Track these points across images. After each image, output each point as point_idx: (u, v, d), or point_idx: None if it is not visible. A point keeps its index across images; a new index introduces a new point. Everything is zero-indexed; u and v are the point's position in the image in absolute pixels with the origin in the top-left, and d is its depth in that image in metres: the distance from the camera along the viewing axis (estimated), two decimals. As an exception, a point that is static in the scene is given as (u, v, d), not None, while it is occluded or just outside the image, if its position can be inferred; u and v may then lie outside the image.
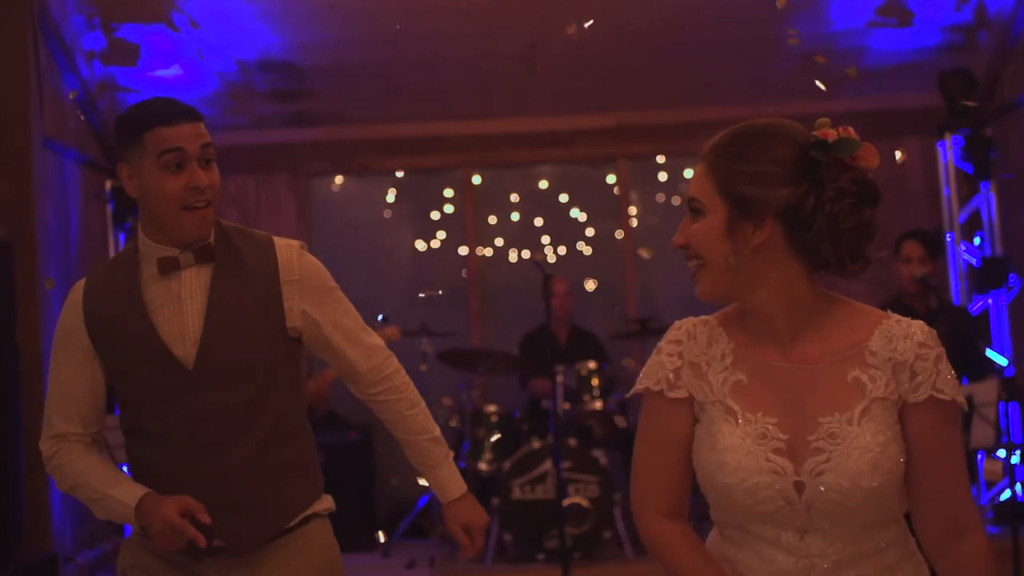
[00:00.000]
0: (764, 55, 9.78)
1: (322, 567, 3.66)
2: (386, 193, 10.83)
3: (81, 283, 3.62)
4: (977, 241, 9.63)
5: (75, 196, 9.21)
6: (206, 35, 9.22)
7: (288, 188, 10.55)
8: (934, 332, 2.63)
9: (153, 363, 3.49)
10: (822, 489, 2.52)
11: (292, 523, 3.62)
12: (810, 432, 2.55)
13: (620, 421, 9.03)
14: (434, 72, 9.84)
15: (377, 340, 3.76)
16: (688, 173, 10.72)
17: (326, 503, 3.73)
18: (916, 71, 9.83)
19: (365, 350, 3.70)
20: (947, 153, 9.61)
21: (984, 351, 8.13)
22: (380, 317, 9.00)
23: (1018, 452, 8.72)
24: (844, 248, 2.62)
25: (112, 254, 9.55)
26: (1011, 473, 7.28)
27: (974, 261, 9.54)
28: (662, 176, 10.81)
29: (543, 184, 10.85)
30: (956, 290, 9.53)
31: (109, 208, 9.55)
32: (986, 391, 6.67)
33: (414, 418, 3.77)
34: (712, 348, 2.67)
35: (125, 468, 3.79)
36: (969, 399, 6.61)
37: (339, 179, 10.91)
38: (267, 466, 3.55)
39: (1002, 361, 9.00)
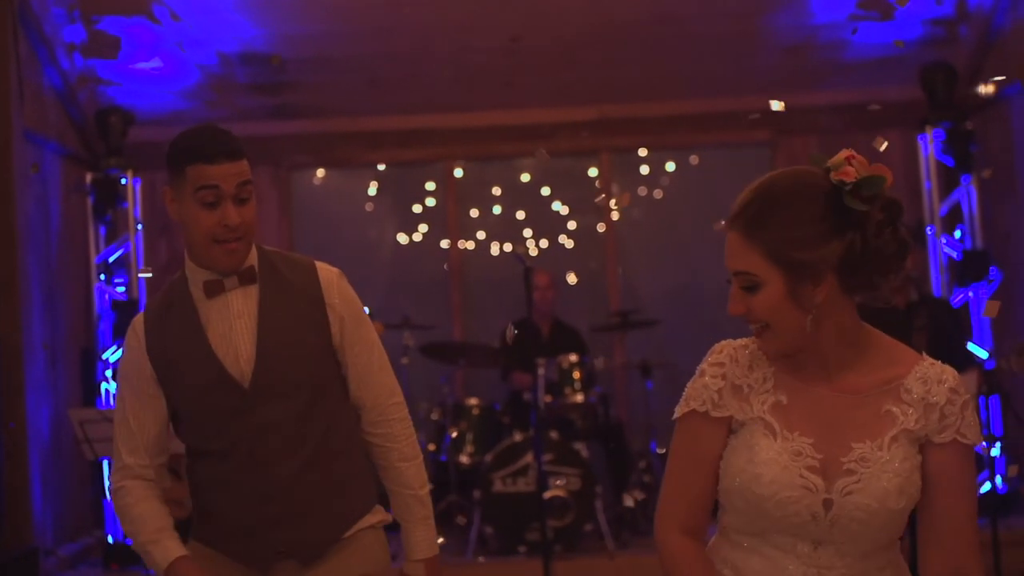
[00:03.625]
0: (746, 48, 9.79)
1: (375, 569, 3.76)
2: (368, 186, 10.82)
3: (141, 315, 3.73)
4: (958, 234, 9.65)
5: (55, 189, 9.18)
6: (187, 27, 9.20)
7: (270, 181, 10.53)
8: (963, 380, 2.78)
9: (212, 384, 3.60)
10: (850, 507, 2.65)
11: (349, 532, 3.73)
12: (843, 455, 2.68)
13: (601, 413, 9.04)
14: (416, 65, 9.83)
15: (395, 385, 3.81)
16: (670, 166, 10.74)
17: (380, 515, 3.83)
18: (897, 64, 9.84)
19: (376, 389, 3.77)
20: (928, 146, 9.63)
21: (965, 344, 8.14)
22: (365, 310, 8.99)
23: (998, 444, 8.76)
24: (890, 271, 2.73)
25: (92, 247, 9.54)
26: (991, 465, 7.31)
27: (955, 254, 9.56)
28: (644, 169, 10.81)
29: (525, 177, 10.85)
30: (937, 283, 9.55)
31: (89, 201, 9.53)
32: (966, 383, 6.68)
33: (404, 471, 3.80)
34: (753, 372, 2.77)
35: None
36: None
37: (321, 172, 10.89)
38: (320, 477, 3.67)
39: (982, 354, 9.03)
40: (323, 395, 3.66)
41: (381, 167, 10.79)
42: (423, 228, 10.78)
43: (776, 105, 4.50)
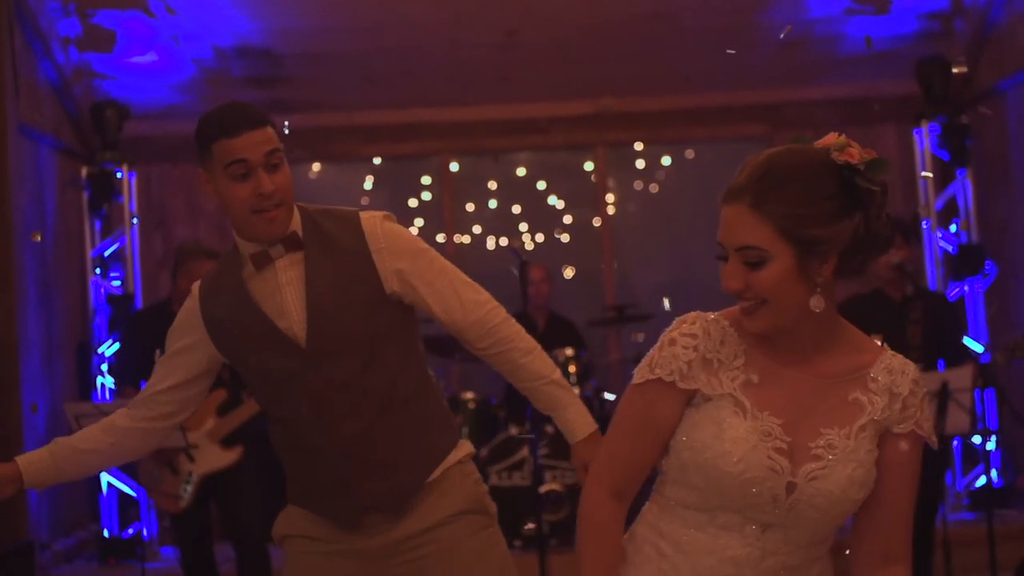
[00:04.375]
0: (742, 43, 9.79)
1: (468, 504, 3.78)
2: (363, 180, 10.82)
3: (196, 284, 3.78)
4: (953, 228, 9.66)
5: (51, 183, 9.18)
6: (182, 21, 9.19)
7: (265, 175, 10.51)
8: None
9: (270, 350, 3.64)
10: (812, 492, 2.63)
11: (434, 474, 3.74)
12: (811, 440, 2.66)
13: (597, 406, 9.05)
14: (411, 59, 9.83)
15: (481, 295, 3.79)
16: (666, 161, 10.74)
17: (464, 449, 3.84)
18: (893, 58, 9.85)
19: (464, 305, 3.75)
20: (923, 140, 9.64)
21: (960, 337, 8.15)
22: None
23: (993, 438, 8.77)
24: (881, 254, 2.72)
25: (88, 241, 9.54)
26: (986, 459, 7.32)
27: (950, 248, 9.57)
28: (640, 163, 10.81)
29: (521, 171, 10.85)
30: (932, 277, 9.56)
31: (85, 195, 9.52)
32: (962, 377, 6.69)
33: (530, 365, 3.81)
34: (725, 347, 2.73)
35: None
36: (945, 385, 6.63)
37: (316, 166, 10.89)
38: (393, 427, 3.68)
39: (978, 348, 9.04)
40: (383, 345, 3.66)
41: (377, 161, 10.79)
42: (419, 222, 10.78)
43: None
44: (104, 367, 9.28)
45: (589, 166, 10.76)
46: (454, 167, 10.80)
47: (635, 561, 2.78)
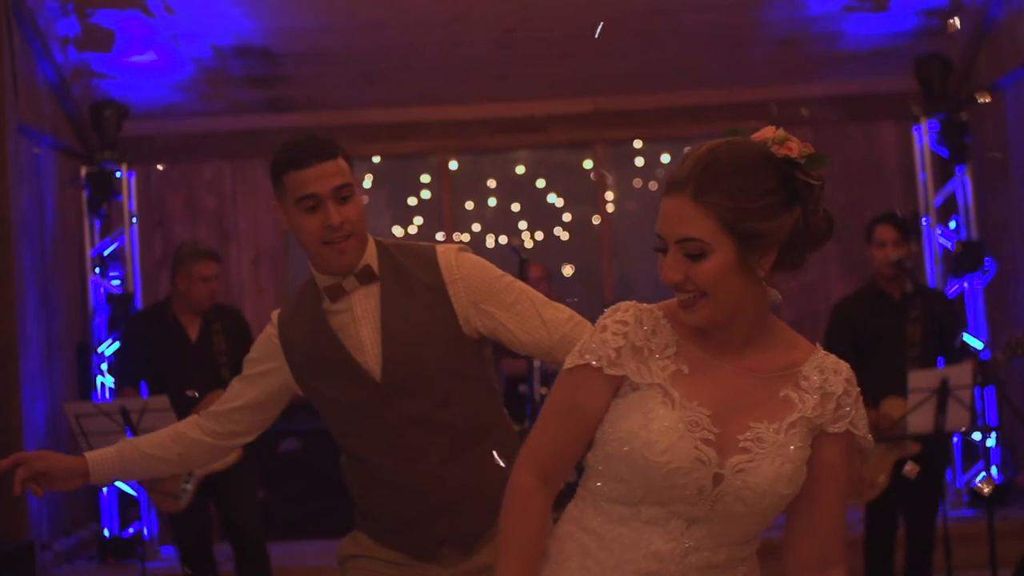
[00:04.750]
0: (740, 40, 9.79)
1: None
2: (363, 179, 10.82)
3: (275, 313, 3.80)
4: (952, 225, 9.66)
5: (50, 183, 9.18)
6: (181, 20, 9.19)
7: (264, 174, 10.37)
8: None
9: (345, 382, 3.65)
10: (739, 485, 2.60)
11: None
12: (740, 432, 2.63)
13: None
14: (410, 58, 9.82)
15: (562, 311, 3.74)
16: (665, 158, 10.74)
17: None
18: (892, 56, 9.84)
19: (547, 324, 3.70)
20: (923, 137, 9.63)
21: (960, 334, 8.15)
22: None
23: (993, 435, 8.76)
24: (817, 249, 2.70)
25: (87, 240, 9.53)
26: (987, 456, 7.32)
27: (949, 245, 9.57)
28: (639, 161, 10.81)
29: (520, 169, 10.85)
30: (932, 274, 9.56)
31: (84, 194, 9.52)
32: (961, 374, 6.70)
33: None
34: (656, 337, 2.70)
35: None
36: (944, 382, 6.63)
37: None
38: (468, 463, 3.67)
39: (977, 345, 9.04)
40: (458, 381, 3.66)
41: (376, 160, 10.79)
42: (418, 221, 10.78)
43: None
44: (104, 366, 9.28)
45: (588, 164, 10.76)
46: (453, 165, 10.79)
47: (558, 557, 2.74)
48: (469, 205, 10.81)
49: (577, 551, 2.73)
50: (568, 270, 10.77)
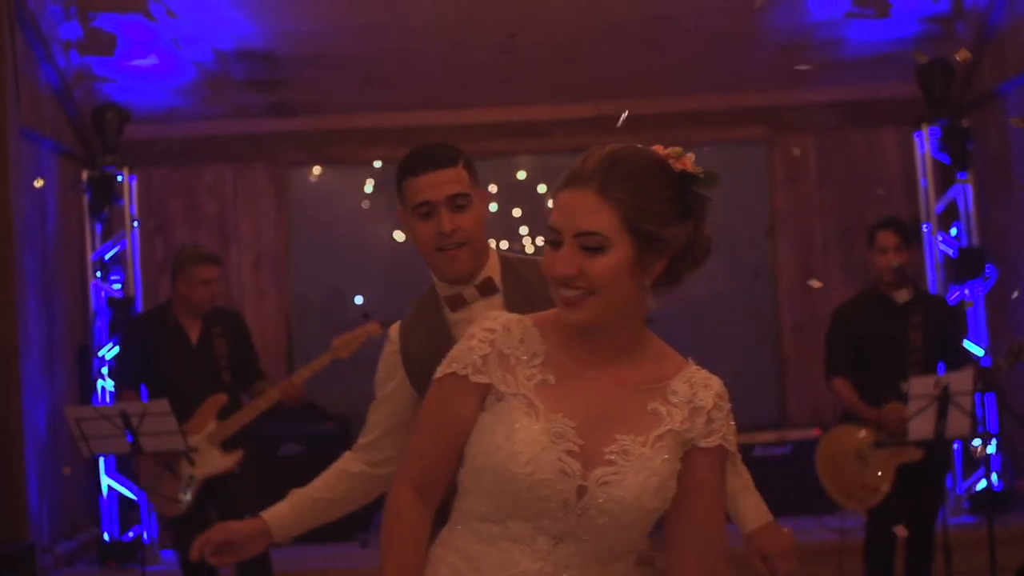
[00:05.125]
0: (742, 45, 9.79)
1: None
2: (364, 183, 10.81)
3: (396, 326, 3.85)
4: (954, 232, 9.66)
5: (51, 186, 9.18)
6: (183, 24, 9.19)
7: (266, 178, 10.53)
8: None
9: None
10: (603, 498, 2.57)
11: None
12: (605, 444, 2.61)
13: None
14: (412, 62, 9.83)
15: None
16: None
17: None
18: (893, 62, 9.84)
19: None
20: (924, 144, 9.63)
21: (961, 341, 8.15)
22: (363, 314, 8.99)
23: (994, 442, 8.76)
24: (697, 268, 2.71)
25: (88, 244, 9.54)
26: (987, 463, 7.31)
27: (951, 251, 9.57)
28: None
29: (521, 174, 10.85)
30: (932, 281, 9.55)
31: (86, 198, 9.52)
32: (962, 380, 6.69)
33: None
34: (524, 345, 2.69)
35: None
36: (945, 388, 6.63)
37: (317, 169, 10.89)
38: None
39: (978, 351, 9.04)
40: None
41: (377, 164, 10.78)
42: (419, 225, 10.75)
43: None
44: (104, 370, 9.29)
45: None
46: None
47: None
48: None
49: (447, 573, 2.69)
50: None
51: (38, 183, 8.38)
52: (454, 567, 2.68)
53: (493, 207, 10.83)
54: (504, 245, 10.63)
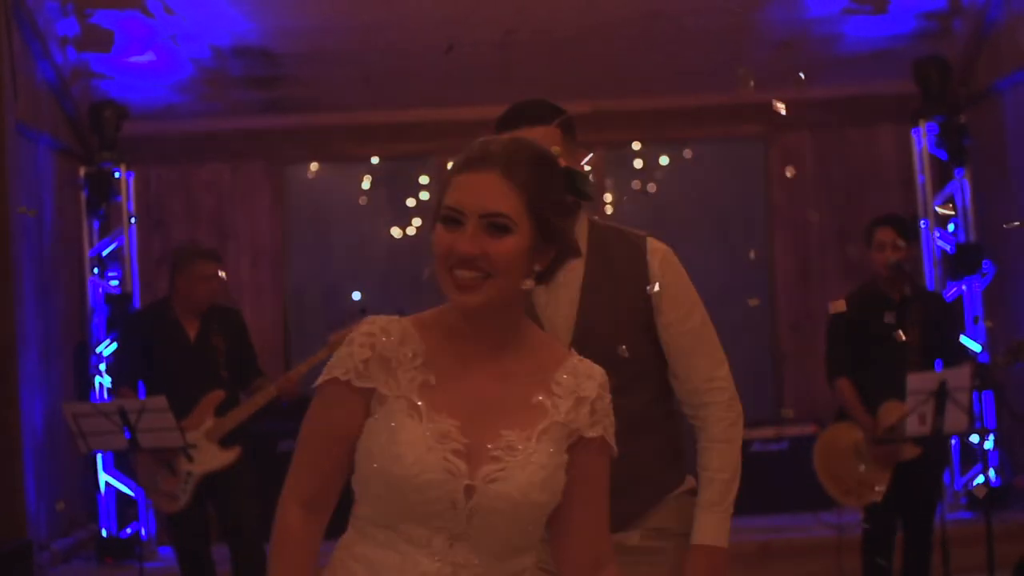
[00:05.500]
0: (739, 43, 9.79)
1: (687, 531, 3.75)
2: (361, 180, 10.82)
3: None
4: (951, 228, 9.66)
5: (49, 183, 9.18)
6: (180, 21, 9.19)
7: (263, 175, 10.52)
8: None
9: None
10: (492, 495, 2.57)
11: (657, 504, 3.76)
12: (490, 441, 2.60)
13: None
14: (409, 59, 9.82)
15: (716, 370, 3.76)
16: (664, 160, 10.75)
17: (688, 484, 3.83)
18: (891, 58, 9.85)
19: (690, 372, 3.75)
20: (921, 140, 9.64)
21: (958, 337, 8.16)
22: (360, 310, 8.99)
23: (991, 438, 8.78)
24: (564, 264, 2.73)
25: (86, 241, 9.53)
26: (984, 459, 7.32)
27: (948, 247, 9.58)
28: (637, 163, 10.81)
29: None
30: (930, 276, 9.56)
31: (83, 195, 9.52)
32: (960, 377, 6.69)
33: (706, 451, 3.76)
34: (404, 347, 2.66)
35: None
36: (943, 384, 6.63)
37: (314, 166, 10.89)
38: (633, 450, 3.61)
39: (976, 347, 9.04)
40: (642, 369, 3.70)
41: (375, 161, 10.78)
42: (417, 222, 10.77)
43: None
44: (102, 367, 9.28)
45: (586, 166, 10.73)
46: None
47: None
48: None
49: None
50: (566, 272, 10.76)
51: (30, 212, 8.35)
52: (353, 572, 2.66)
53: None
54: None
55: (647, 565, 3.73)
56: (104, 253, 9.61)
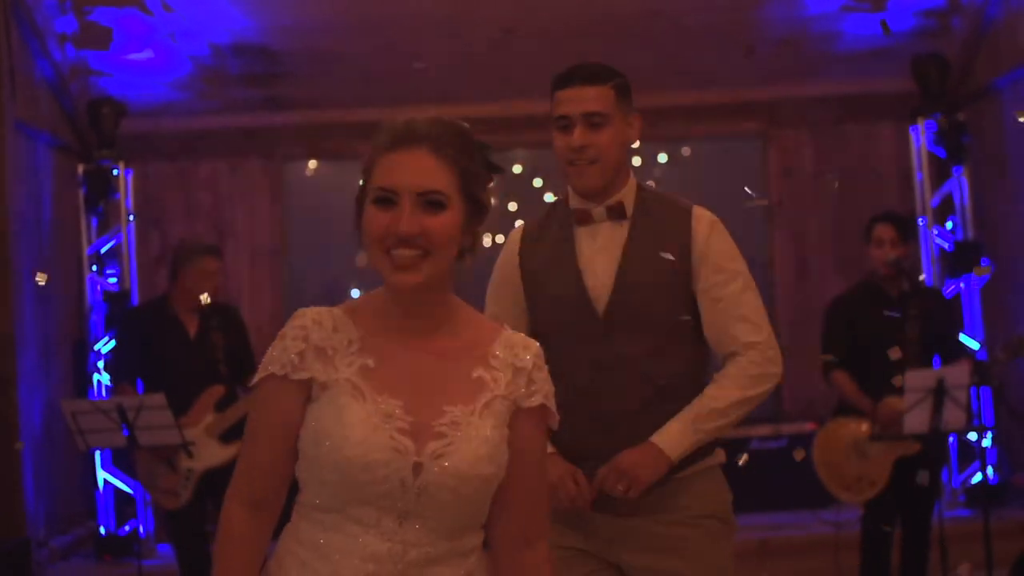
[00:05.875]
0: (739, 41, 9.79)
1: (712, 513, 3.81)
2: (360, 178, 10.79)
3: (521, 225, 3.99)
4: (949, 225, 9.66)
5: (47, 180, 9.17)
6: (179, 18, 9.18)
7: (262, 172, 10.52)
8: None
9: (571, 306, 3.77)
10: (438, 471, 2.58)
11: (683, 473, 3.78)
12: (434, 418, 2.62)
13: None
14: (408, 57, 9.81)
15: (754, 336, 3.79)
16: (662, 158, 10.74)
17: (717, 458, 3.87)
18: (889, 56, 9.85)
19: (726, 337, 3.79)
20: (920, 138, 9.64)
21: (956, 334, 8.16)
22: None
23: (989, 435, 8.78)
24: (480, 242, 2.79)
25: (84, 238, 9.53)
26: (982, 456, 7.32)
27: (946, 245, 9.58)
28: (636, 161, 10.80)
29: (517, 169, 10.84)
30: (928, 274, 9.56)
31: (81, 192, 9.51)
32: (958, 374, 6.69)
33: (717, 381, 3.80)
34: (338, 334, 2.68)
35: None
36: (941, 382, 6.63)
37: (313, 163, 10.88)
38: (659, 417, 3.73)
39: (974, 345, 9.04)
40: (678, 338, 3.75)
41: (373, 158, 10.76)
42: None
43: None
44: (100, 364, 9.28)
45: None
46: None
47: (277, 575, 2.69)
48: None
49: (294, 566, 2.67)
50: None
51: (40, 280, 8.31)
52: (300, 559, 2.66)
53: (489, 201, 10.83)
54: (500, 239, 10.61)
55: (673, 554, 3.77)
56: (102, 250, 9.61)
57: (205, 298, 7.27)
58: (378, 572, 2.61)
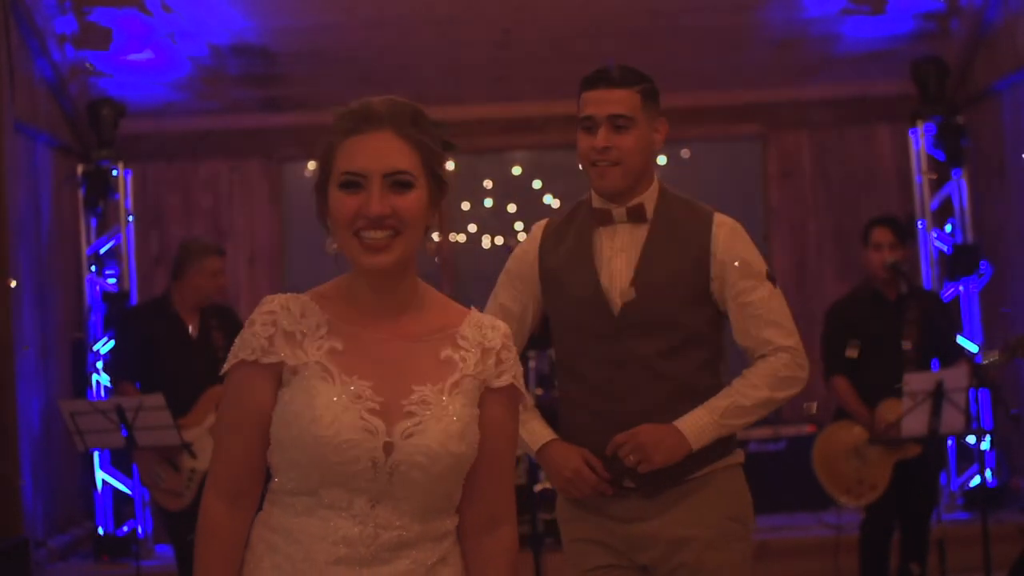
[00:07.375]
0: (738, 42, 9.79)
1: (728, 514, 3.87)
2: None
3: (543, 222, 4.00)
4: (948, 228, 9.67)
5: (46, 181, 9.18)
6: (178, 19, 9.19)
7: (261, 173, 10.52)
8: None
9: (586, 305, 3.81)
10: (411, 450, 2.59)
11: (700, 472, 3.82)
12: (404, 397, 2.64)
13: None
14: (406, 58, 9.82)
15: (783, 340, 3.86)
16: (662, 160, 10.74)
17: (737, 457, 3.92)
18: (888, 58, 9.85)
19: (754, 341, 3.85)
20: (919, 140, 9.64)
21: (955, 337, 8.16)
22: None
23: (988, 438, 8.78)
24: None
25: (83, 238, 9.52)
26: (981, 459, 7.32)
27: (945, 248, 9.58)
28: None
29: (516, 170, 10.84)
30: (927, 277, 9.56)
31: (81, 192, 9.51)
32: (956, 377, 6.69)
33: (746, 376, 3.85)
34: (306, 319, 2.71)
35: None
36: (939, 384, 6.63)
37: (312, 164, 10.87)
38: (676, 415, 3.77)
39: (972, 348, 9.05)
40: (692, 339, 3.79)
41: (372, 159, 10.76)
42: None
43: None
44: (99, 364, 9.28)
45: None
46: (449, 165, 10.75)
47: (250, 562, 2.70)
48: (465, 206, 10.80)
49: (266, 552, 2.68)
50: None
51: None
52: (272, 544, 2.68)
53: (488, 203, 10.84)
54: (499, 241, 10.63)
55: (690, 553, 3.81)
56: (102, 251, 9.60)
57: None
58: (350, 555, 2.62)
